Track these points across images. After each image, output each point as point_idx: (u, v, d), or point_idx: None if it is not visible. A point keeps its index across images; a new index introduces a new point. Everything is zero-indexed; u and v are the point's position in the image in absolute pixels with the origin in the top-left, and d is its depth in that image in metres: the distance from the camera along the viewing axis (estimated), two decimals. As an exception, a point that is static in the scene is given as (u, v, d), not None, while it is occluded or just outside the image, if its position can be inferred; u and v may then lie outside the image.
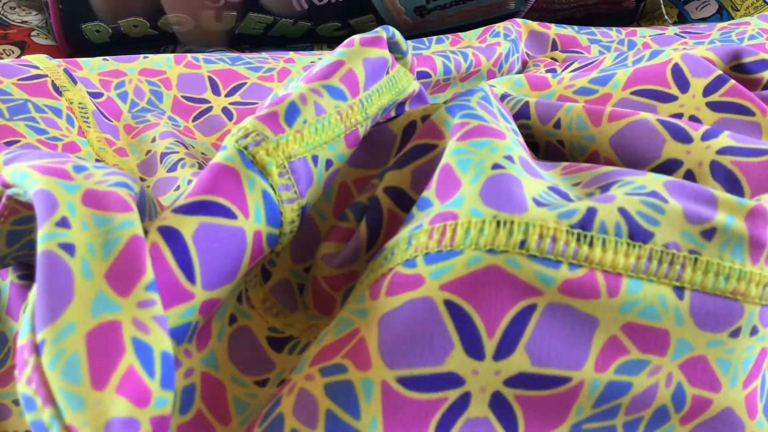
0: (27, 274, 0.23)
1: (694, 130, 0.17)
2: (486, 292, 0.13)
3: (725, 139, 0.17)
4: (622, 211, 0.13)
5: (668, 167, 0.17)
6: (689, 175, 0.17)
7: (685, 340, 0.13)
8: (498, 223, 0.13)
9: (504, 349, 0.13)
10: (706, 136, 0.17)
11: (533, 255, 0.13)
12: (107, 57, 0.34)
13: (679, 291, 0.13)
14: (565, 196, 0.14)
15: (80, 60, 0.33)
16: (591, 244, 0.13)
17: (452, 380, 0.13)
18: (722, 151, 0.17)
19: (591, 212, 0.13)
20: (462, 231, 0.13)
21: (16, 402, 0.20)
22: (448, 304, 0.13)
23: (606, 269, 0.13)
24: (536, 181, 0.14)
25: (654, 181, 0.14)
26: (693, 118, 0.21)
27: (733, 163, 0.16)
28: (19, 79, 0.30)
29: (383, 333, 0.13)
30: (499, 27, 0.37)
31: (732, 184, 0.16)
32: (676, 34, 0.38)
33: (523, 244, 0.13)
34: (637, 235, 0.13)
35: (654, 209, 0.13)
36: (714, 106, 0.21)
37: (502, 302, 0.13)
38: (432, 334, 0.13)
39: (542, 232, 0.13)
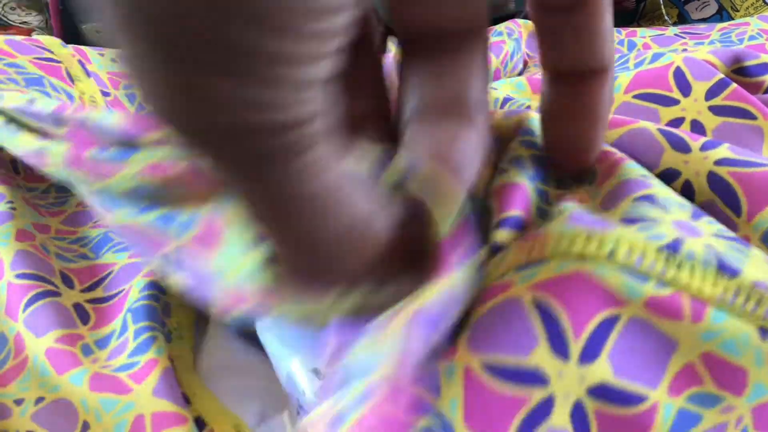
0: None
1: (693, 141, 0.17)
2: (573, 295, 0.13)
3: (724, 150, 0.17)
4: (709, 246, 0.13)
5: (666, 177, 0.17)
6: (687, 186, 0.17)
7: (762, 383, 0.13)
8: (588, 236, 0.13)
9: (589, 353, 0.13)
10: (705, 147, 0.17)
11: (621, 266, 0.13)
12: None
13: (764, 332, 0.13)
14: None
15: (89, 54, 0.33)
16: (679, 267, 0.13)
17: (536, 377, 0.13)
18: (720, 162, 0.16)
19: (679, 239, 0.13)
20: (552, 242, 0.13)
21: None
22: (536, 302, 0.13)
23: (692, 294, 0.13)
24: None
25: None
26: (695, 122, 0.21)
27: (731, 174, 0.16)
28: (35, 58, 0.30)
29: (472, 330, 0.13)
30: (501, 27, 0.37)
31: (729, 196, 0.16)
32: (676, 34, 0.38)
33: (611, 254, 0.13)
34: (726, 268, 0.13)
35: (738, 251, 0.13)
36: (716, 110, 0.21)
37: (588, 307, 0.13)
38: (518, 327, 0.13)
39: (631, 247, 0.13)
